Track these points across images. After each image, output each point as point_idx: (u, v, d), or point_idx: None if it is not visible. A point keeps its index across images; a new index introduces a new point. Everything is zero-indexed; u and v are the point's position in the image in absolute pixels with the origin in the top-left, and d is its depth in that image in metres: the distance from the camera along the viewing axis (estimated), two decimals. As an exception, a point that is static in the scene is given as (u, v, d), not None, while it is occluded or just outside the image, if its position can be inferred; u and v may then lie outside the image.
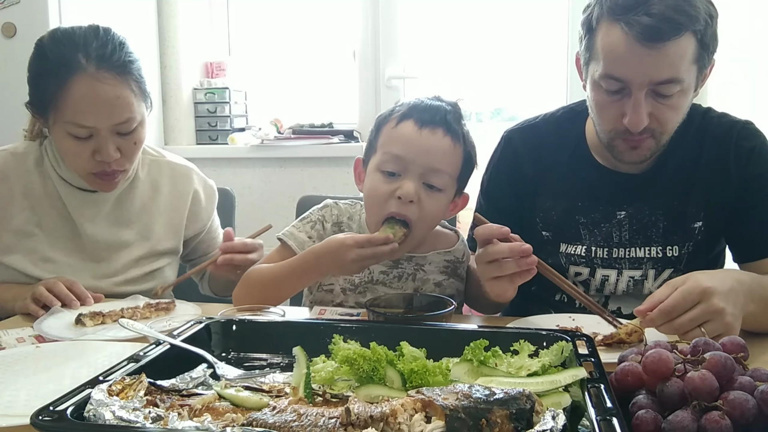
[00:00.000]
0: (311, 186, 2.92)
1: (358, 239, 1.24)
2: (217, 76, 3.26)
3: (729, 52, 2.46)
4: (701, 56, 1.22)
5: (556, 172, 1.45)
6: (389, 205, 1.30)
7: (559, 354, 0.87)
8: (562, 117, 1.49)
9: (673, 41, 1.16)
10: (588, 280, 1.43)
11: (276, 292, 1.33)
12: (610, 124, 1.29)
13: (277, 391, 0.83)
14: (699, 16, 1.17)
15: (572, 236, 1.43)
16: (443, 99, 1.39)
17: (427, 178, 1.30)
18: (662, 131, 1.27)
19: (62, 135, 1.42)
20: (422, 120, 1.31)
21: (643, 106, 1.22)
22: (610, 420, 0.66)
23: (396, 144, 1.31)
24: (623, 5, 1.19)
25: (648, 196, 1.39)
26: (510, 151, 1.51)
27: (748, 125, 1.40)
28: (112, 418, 0.69)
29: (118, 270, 1.58)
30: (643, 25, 1.16)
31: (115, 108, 1.39)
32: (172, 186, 1.65)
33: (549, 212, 1.45)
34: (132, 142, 1.45)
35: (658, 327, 1.03)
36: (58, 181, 1.53)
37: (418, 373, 0.83)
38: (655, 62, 1.18)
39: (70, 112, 1.38)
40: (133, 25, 2.90)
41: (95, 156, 1.42)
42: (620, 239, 1.40)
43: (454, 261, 1.46)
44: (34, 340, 1.20)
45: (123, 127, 1.42)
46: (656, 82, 1.20)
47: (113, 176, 1.47)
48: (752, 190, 1.36)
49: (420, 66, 3.08)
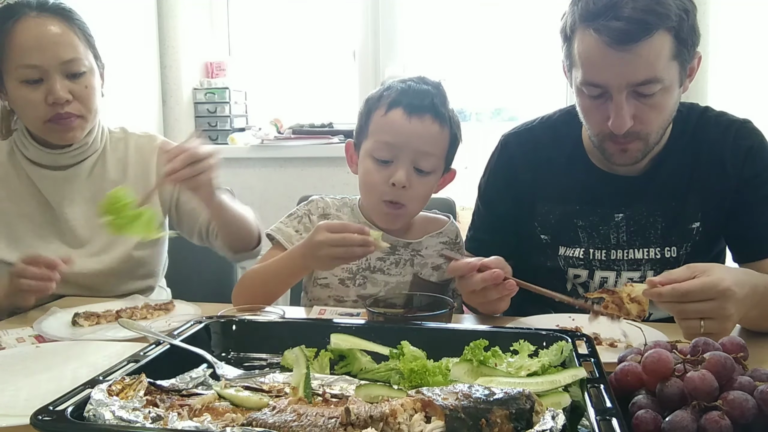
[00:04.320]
0: (311, 186, 2.92)
1: (331, 224, 1.26)
2: (217, 76, 3.26)
3: (730, 51, 2.47)
4: (680, 52, 1.21)
5: (554, 176, 1.45)
6: (383, 191, 1.38)
7: (558, 354, 0.87)
8: (558, 120, 1.49)
9: (645, 41, 1.16)
10: (587, 282, 1.43)
11: (271, 288, 1.37)
12: (597, 128, 1.29)
13: (276, 391, 0.83)
14: (670, 13, 1.16)
15: (570, 239, 1.43)
16: (428, 80, 1.44)
17: (418, 162, 1.37)
18: (648, 131, 1.26)
19: (15, 86, 1.46)
20: (411, 107, 1.36)
21: (626, 108, 1.21)
22: (609, 420, 0.66)
23: (387, 132, 1.37)
24: (593, 11, 1.19)
25: (646, 197, 1.38)
26: (506, 155, 1.50)
27: (745, 124, 1.39)
28: (112, 418, 0.69)
29: (103, 248, 1.58)
30: (613, 28, 1.15)
31: (58, 45, 1.45)
32: (138, 156, 1.66)
33: (547, 216, 1.45)
34: (83, 86, 1.49)
35: (660, 302, 1.02)
36: (28, 166, 1.56)
37: (418, 373, 0.83)
38: (630, 64, 1.17)
39: (18, 56, 1.44)
40: (133, 25, 2.91)
41: (48, 99, 1.45)
42: (618, 241, 1.40)
43: (449, 243, 1.53)
44: (34, 340, 1.20)
45: (70, 67, 1.46)
46: (635, 83, 1.19)
47: (69, 121, 1.48)
48: (750, 190, 1.35)
49: (420, 66, 3.08)
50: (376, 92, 1.45)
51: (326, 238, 1.23)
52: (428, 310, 1.17)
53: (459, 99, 3.16)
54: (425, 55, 3.13)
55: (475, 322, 1.33)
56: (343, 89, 3.16)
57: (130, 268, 1.60)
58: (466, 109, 3.20)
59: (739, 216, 1.36)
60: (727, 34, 2.48)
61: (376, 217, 1.47)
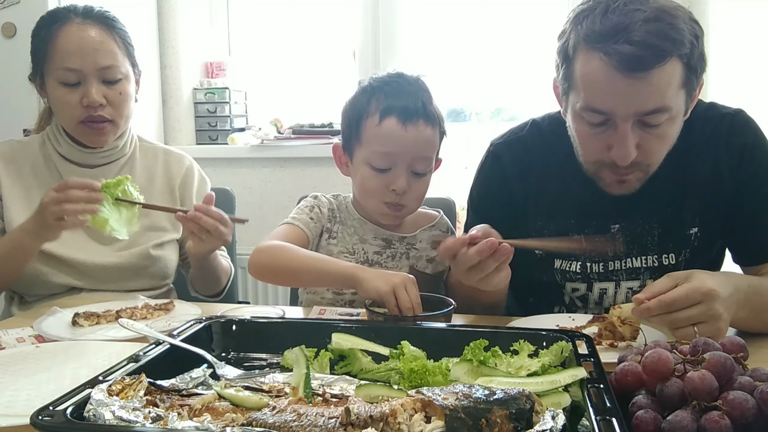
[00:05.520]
0: (311, 186, 2.91)
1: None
2: (217, 76, 3.26)
3: (731, 50, 2.47)
4: (689, 80, 1.14)
5: (547, 191, 1.39)
6: (383, 197, 1.42)
7: (558, 354, 0.87)
8: (548, 129, 1.42)
9: (657, 69, 1.08)
10: (586, 295, 1.39)
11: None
12: (594, 156, 1.22)
13: (276, 391, 0.83)
14: (684, 39, 1.09)
15: (566, 253, 1.37)
16: (408, 78, 1.45)
17: (415, 166, 1.40)
18: (650, 163, 1.21)
19: (54, 86, 1.55)
20: (405, 114, 1.38)
21: (630, 137, 1.14)
22: (609, 420, 0.66)
23: (383, 143, 1.39)
24: (600, 32, 1.11)
25: (641, 206, 1.32)
26: (498, 168, 1.43)
27: (738, 115, 1.31)
28: (112, 418, 0.69)
29: (126, 245, 1.61)
30: (624, 54, 1.07)
31: (98, 52, 1.53)
32: (165, 169, 1.73)
33: (541, 231, 1.39)
34: (117, 92, 1.56)
35: (651, 318, 1.01)
36: (59, 160, 1.63)
37: (418, 373, 0.83)
38: (640, 92, 1.10)
39: (59, 58, 1.52)
40: (133, 26, 2.89)
41: (83, 101, 1.53)
42: (615, 251, 1.35)
43: (441, 235, 1.54)
44: (34, 340, 1.20)
45: (107, 73, 1.54)
46: (642, 113, 1.12)
47: (101, 126, 1.56)
48: (748, 192, 1.29)
49: (420, 66, 3.08)
50: (360, 95, 1.46)
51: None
52: (428, 310, 1.17)
53: (459, 99, 3.17)
54: (425, 55, 3.13)
55: (475, 322, 1.33)
56: (343, 89, 3.16)
57: (147, 265, 1.64)
58: (466, 109, 3.20)
59: (738, 219, 1.31)
60: (727, 34, 2.48)
61: (377, 217, 1.50)
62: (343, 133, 1.50)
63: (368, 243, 1.49)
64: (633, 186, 1.25)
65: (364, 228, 1.51)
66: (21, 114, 2.29)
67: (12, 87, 2.25)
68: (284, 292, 2.72)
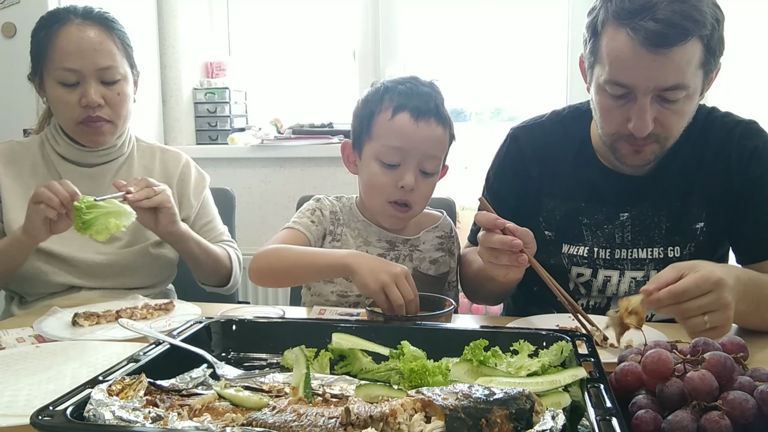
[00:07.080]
0: (311, 186, 2.92)
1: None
2: (217, 76, 3.26)
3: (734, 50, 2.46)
4: (707, 61, 1.20)
5: (561, 173, 1.45)
6: (390, 194, 1.42)
7: (558, 354, 0.87)
8: (567, 116, 1.50)
9: (679, 47, 1.15)
10: (590, 281, 1.43)
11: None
12: (613, 128, 1.28)
13: (276, 391, 0.83)
14: (706, 21, 1.16)
15: (575, 237, 1.43)
16: (423, 81, 1.47)
17: (423, 165, 1.41)
18: (667, 136, 1.26)
19: (53, 85, 1.56)
20: (418, 111, 1.39)
21: (649, 111, 1.21)
22: (609, 420, 0.66)
23: (395, 137, 1.39)
24: (629, 9, 1.17)
25: (651, 197, 1.38)
26: (516, 149, 1.51)
27: (751, 124, 1.39)
28: (112, 418, 0.69)
29: (125, 243, 1.62)
30: (649, 30, 1.14)
31: (97, 53, 1.54)
32: (162, 168, 1.74)
33: (552, 212, 1.45)
34: (116, 93, 1.58)
35: (660, 308, 1.01)
36: (57, 160, 1.64)
37: (418, 373, 0.83)
38: (661, 68, 1.17)
39: (58, 59, 1.53)
40: (133, 26, 2.90)
41: (81, 102, 1.54)
42: (623, 240, 1.40)
43: (444, 237, 1.56)
44: (34, 340, 1.20)
45: (106, 74, 1.55)
46: (662, 88, 1.19)
47: (99, 126, 1.57)
48: (754, 191, 1.35)
49: (420, 66, 3.08)
50: (373, 94, 1.46)
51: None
52: (428, 310, 1.17)
53: (459, 99, 3.16)
54: (425, 55, 3.13)
55: (475, 322, 1.33)
56: (343, 89, 3.16)
57: (146, 263, 1.65)
58: (466, 109, 3.20)
59: (741, 218, 1.36)
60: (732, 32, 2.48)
61: (381, 218, 1.49)
62: (353, 130, 1.51)
63: (372, 245, 1.49)
64: (647, 158, 1.30)
65: (368, 230, 1.51)
66: (21, 114, 2.30)
67: (12, 87, 2.25)
68: (284, 293, 2.72)
